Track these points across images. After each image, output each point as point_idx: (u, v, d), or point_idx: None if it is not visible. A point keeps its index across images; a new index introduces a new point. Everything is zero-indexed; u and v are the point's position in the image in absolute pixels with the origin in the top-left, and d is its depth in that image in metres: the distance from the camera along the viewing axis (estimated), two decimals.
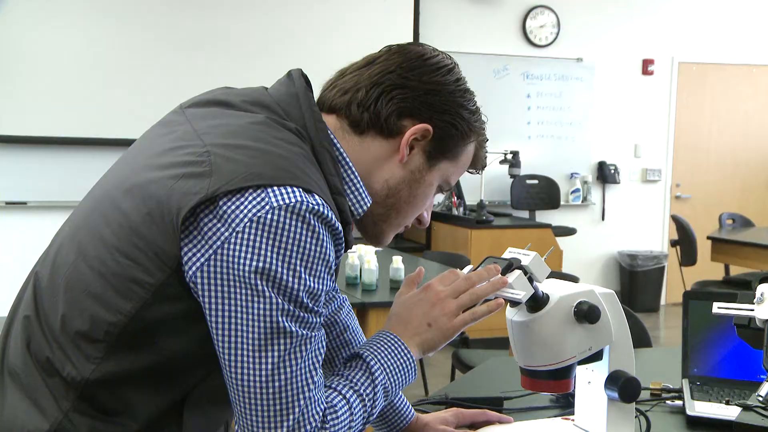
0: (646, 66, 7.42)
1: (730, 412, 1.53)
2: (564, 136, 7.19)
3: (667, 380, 1.76)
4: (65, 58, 5.61)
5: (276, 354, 1.05)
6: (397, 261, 3.38)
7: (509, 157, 6.25)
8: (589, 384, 1.43)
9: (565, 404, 1.63)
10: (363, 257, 3.37)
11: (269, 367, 1.05)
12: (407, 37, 6.22)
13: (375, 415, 1.19)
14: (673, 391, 1.73)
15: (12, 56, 5.50)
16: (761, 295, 1.31)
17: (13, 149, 5.56)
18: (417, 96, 1.20)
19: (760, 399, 1.29)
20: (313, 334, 1.08)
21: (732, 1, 7.61)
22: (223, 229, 1.04)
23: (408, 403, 1.53)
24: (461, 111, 1.22)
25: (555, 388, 1.37)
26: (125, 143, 1.22)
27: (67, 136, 5.60)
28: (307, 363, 1.08)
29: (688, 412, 1.60)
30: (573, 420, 1.51)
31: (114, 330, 1.08)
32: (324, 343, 1.12)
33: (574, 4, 7.14)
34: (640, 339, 2.31)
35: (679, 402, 1.68)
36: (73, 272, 1.12)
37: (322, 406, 1.10)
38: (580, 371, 1.43)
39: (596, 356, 1.36)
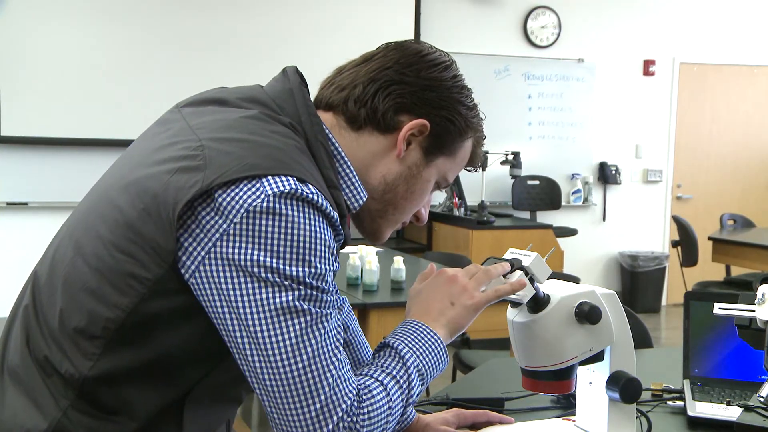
0: (647, 66, 7.42)
1: (731, 412, 1.53)
2: (565, 137, 7.19)
3: (668, 381, 1.76)
4: (66, 59, 5.61)
5: (293, 333, 1.04)
6: (398, 261, 3.38)
7: (510, 157, 6.24)
8: (590, 385, 1.43)
9: (566, 405, 1.63)
10: (364, 258, 3.37)
11: (288, 348, 1.04)
12: (408, 38, 6.22)
13: (414, 399, 1.18)
14: (674, 391, 1.73)
15: (13, 57, 5.50)
16: (762, 295, 1.31)
17: (14, 150, 5.56)
18: (414, 92, 1.20)
19: (761, 400, 1.28)
20: (329, 311, 1.08)
21: (733, 2, 7.61)
22: (221, 221, 1.04)
23: None
24: (458, 107, 1.23)
25: (556, 388, 1.37)
26: (126, 144, 1.23)
27: (68, 137, 5.60)
28: (328, 341, 1.06)
29: (689, 412, 1.60)
30: (574, 421, 1.51)
31: (111, 326, 1.08)
32: (342, 327, 1.11)
33: (575, 5, 7.14)
34: (641, 339, 2.31)
35: (680, 403, 1.68)
36: (71, 269, 1.12)
37: (354, 385, 1.08)
38: (581, 372, 1.43)
39: (597, 357, 1.35)
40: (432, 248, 6.15)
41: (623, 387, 1.35)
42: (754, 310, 1.32)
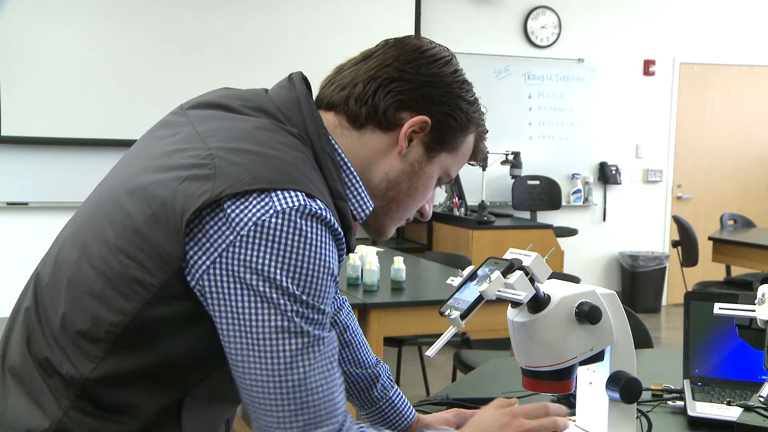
0: (648, 66, 7.42)
1: (731, 412, 1.53)
2: (565, 137, 7.19)
3: (668, 381, 1.76)
4: (67, 59, 5.61)
5: (288, 353, 1.04)
6: (399, 261, 3.38)
7: (510, 157, 6.24)
8: (591, 385, 1.43)
9: (566, 405, 1.63)
10: (364, 258, 3.37)
11: (282, 366, 1.04)
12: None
13: None
14: (675, 391, 1.73)
15: (14, 57, 5.50)
16: (762, 295, 1.31)
17: (15, 150, 5.56)
18: (414, 88, 1.20)
19: (762, 400, 1.28)
20: (325, 334, 1.08)
21: (733, 2, 7.61)
22: (228, 233, 1.04)
23: (409, 404, 1.53)
24: (459, 102, 1.22)
25: (556, 388, 1.37)
26: (126, 144, 1.23)
27: (68, 137, 5.60)
28: (322, 363, 1.07)
29: (690, 412, 1.60)
30: (574, 421, 1.51)
31: (115, 329, 1.08)
32: (337, 345, 1.12)
33: (576, 5, 7.14)
34: (642, 339, 2.31)
35: (680, 403, 1.68)
36: (76, 272, 1.12)
37: (342, 410, 1.09)
38: (582, 372, 1.43)
39: (597, 357, 1.35)
40: (432, 248, 6.15)
41: (623, 387, 1.35)
42: (754, 310, 1.32)
